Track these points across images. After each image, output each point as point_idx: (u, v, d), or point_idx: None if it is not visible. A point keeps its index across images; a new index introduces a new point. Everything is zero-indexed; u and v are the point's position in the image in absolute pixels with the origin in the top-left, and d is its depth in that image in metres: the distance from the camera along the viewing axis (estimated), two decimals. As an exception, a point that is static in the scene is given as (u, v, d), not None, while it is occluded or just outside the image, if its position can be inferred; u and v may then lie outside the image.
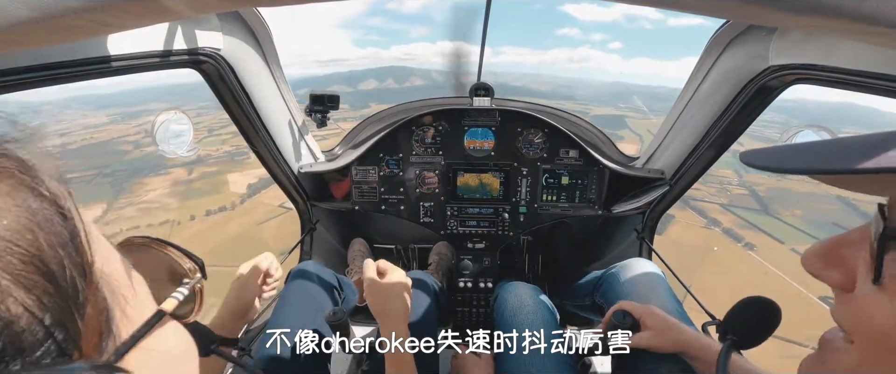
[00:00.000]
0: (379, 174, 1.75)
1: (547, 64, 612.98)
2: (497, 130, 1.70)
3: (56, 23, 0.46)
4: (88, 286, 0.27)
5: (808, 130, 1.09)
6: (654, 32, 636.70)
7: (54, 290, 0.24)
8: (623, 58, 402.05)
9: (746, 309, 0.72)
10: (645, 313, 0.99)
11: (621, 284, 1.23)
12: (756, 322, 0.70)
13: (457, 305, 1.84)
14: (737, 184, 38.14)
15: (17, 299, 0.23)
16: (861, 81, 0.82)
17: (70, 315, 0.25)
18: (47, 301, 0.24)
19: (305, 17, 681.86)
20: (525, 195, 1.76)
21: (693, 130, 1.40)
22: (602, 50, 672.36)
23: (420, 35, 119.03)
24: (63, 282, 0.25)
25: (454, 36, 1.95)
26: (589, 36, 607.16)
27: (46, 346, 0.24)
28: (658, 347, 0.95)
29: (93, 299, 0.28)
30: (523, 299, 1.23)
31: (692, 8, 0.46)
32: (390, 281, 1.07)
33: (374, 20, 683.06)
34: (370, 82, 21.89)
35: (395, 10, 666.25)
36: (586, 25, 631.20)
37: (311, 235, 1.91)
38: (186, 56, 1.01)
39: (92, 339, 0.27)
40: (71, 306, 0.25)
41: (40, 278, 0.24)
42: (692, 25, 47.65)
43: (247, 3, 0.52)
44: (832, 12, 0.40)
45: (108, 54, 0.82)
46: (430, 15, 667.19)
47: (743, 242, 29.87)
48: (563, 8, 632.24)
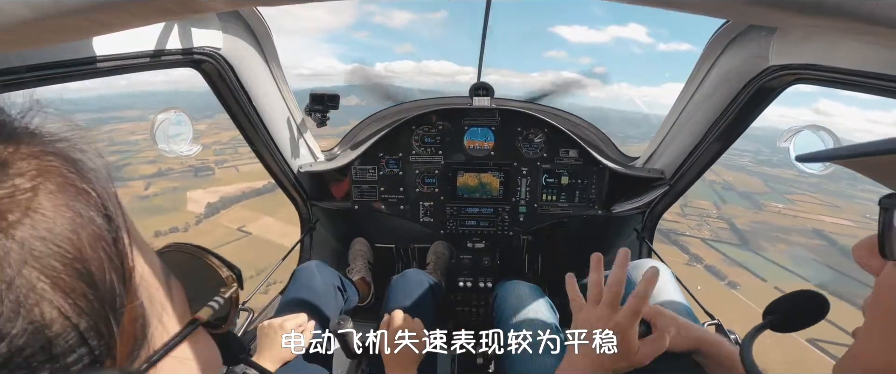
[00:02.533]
0: (379, 174, 1.75)
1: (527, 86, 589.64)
2: (497, 129, 1.70)
3: (56, 23, 0.46)
4: (127, 292, 0.26)
5: (806, 131, 1.09)
6: (643, 57, 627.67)
7: (93, 294, 0.24)
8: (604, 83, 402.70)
9: (796, 296, 0.72)
10: (654, 313, 0.97)
11: (631, 283, 1.23)
12: (802, 308, 0.70)
13: (456, 304, 1.84)
14: (716, 216, 38.04)
15: (53, 302, 0.22)
16: (861, 81, 0.82)
17: (106, 321, 0.24)
18: (85, 306, 0.23)
19: (291, 29, 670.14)
20: (525, 195, 1.76)
21: (693, 130, 1.40)
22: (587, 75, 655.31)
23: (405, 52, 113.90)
24: (102, 287, 0.24)
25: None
26: (577, 59, 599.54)
27: (79, 353, 0.23)
28: (673, 346, 0.93)
29: (130, 306, 0.27)
30: (524, 298, 1.23)
31: (692, 8, 0.46)
32: (403, 333, 1.07)
33: (360, 34, 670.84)
34: (352, 98, 21.88)
35: (382, 24, 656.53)
36: (575, 48, 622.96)
37: (310, 234, 1.91)
38: (186, 56, 1.01)
39: (126, 346, 0.26)
40: (108, 312, 0.24)
41: (79, 281, 0.23)
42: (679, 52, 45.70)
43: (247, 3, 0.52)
44: (832, 12, 0.41)
45: (108, 54, 0.82)
46: (417, 32, 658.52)
47: (726, 280, 29.72)
48: (553, 30, 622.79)
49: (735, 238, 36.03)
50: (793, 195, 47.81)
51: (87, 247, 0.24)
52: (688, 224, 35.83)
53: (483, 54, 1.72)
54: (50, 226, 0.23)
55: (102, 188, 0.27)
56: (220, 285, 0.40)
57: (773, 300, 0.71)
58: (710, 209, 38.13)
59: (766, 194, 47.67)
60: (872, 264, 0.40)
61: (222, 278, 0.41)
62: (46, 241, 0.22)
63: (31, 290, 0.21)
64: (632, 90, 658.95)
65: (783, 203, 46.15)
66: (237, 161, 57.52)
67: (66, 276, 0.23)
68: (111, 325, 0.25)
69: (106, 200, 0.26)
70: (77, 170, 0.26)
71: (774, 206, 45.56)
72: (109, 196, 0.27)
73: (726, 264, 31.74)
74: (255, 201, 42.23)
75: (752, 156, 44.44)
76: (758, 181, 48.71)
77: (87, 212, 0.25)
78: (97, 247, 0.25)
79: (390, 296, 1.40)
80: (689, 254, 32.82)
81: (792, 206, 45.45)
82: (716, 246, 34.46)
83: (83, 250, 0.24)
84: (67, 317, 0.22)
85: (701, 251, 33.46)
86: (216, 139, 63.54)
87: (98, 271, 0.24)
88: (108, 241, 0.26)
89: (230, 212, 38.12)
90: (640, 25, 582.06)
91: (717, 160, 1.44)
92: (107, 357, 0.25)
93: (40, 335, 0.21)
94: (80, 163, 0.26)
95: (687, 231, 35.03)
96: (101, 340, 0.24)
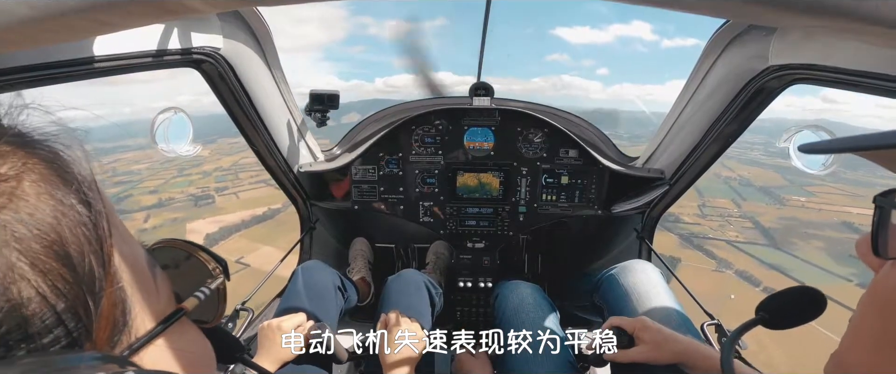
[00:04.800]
0: (379, 174, 1.75)
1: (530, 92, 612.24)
2: (497, 129, 1.70)
3: (56, 22, 0.46)
4: (107, 276, 0.27)
5: (806, 131, 1.09)
6: (648, 56, 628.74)
7: (71, 276, 0.24)
8: (606, 85, 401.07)
9: (789, 292, 0.70)
10: (638, 326, 0.98)
11: (621, 286, 1.23)
12: (793, 304, 0.69)
13: (456, 304, 1.84)
14: (738, 215, 36.74)
15: (30, 282, 0.23)
16: (860, 81, 0.82)
17: (84, 304, 0.25)
18: (63, 287, 0.24)
19: (292, 47, 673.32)
20: (525, 195, 1.76)
21: (693, 130, 1.40)
22: (588, 77, 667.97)
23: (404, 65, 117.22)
24: (81, 269, 0.25)
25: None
26: (579, 62, 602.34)
27: (55, 333, 0.23)
28: (655, 359, 0.94)
29: (110, 290, 0.27)
30: (525, 297, 1.23)
31: (692, 7, 0.46)
32: (400, 334, 1.08)
33: (356, 50, 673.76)
34: (352, 115, 21.54)
35: (378, 38, 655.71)
36: (577, 50, 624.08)
37: (310, 234, 1.91)
38: (186, 56, 1.01)
39: (105, 330, 0.27)
40: (86, 295, 0.25)
41: (58, 263, 0.24)
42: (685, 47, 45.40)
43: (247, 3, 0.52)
44: (832, 12, 0.41)
45: (109, 54, 0.82)
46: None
47: (761, 286, 28.00)
48: (555, 32, 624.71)
49: (763, 238, 34.55)
50: (813, 187, 46.63)
51: (68, 231, 0.25)
52: (709, 226, 34.64)
53: (483, 54, 1.72)
54: (32, 211, 0.24)
55: (83, 177, 0.28)
56: (209, 278, 0.41)
57: (766, 297, 0.71)
58: (730, 208, 36.99)
59: (786, 187, 46.56)
60: (872, 261, 0.40)
61: (210, 271, 0.42)
62: (28, 224, 0.23)
63: (10, 269, 0.22)
64: (635, 90, 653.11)
65: (805, 196, 45.03)
66: (238, 187, 57.11)
67: (45, 257, 0.23)
68: (89, 308, 0.25)
69: (86, 187, 0.28)
70: (59, 160, 0.27)
71: (797, 200, 44.49)
72: (90, 184, 0.28)
73: (759, 267, 30.26)
74: (256, 228, 42.02)
75: (763, 148, 43.29)
76: (775, 175, 47.37)
77: (68, 199, 0.26)
78: (77, 232, 0.26)
79: (386, 296, 1.40)
80: (715, 259, 31.31)
81: (814, 198, 44.16)
82: (745, 248, 32.82)
83: (63, 235, 0.25)
84: (44, 297, 0.23)
85: (729, 255, 31.94)
86: (218, 165, 63.07)
87: (77, 254, 0.25)
88: (89, 226, 0.27)
89: (229, 242, 38.03)
90: (644, 23, 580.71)
91: (716, 160, 1.45)
92: (85, 340, 0.25)
93: (17, 314, 0.22)
94: (62, 153, 0.28)
95: (710, 234, 33.76)
96: (78, 322, 0.25)
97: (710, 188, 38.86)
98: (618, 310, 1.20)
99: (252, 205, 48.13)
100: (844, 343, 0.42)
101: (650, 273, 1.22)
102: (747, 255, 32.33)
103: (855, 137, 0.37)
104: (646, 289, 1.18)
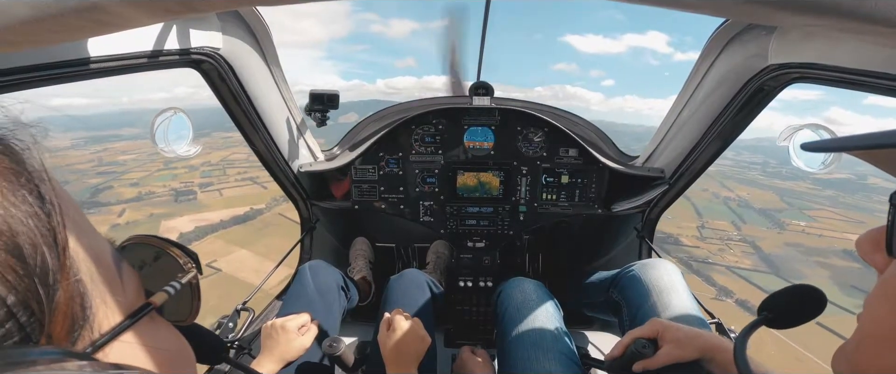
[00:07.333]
0: (379, 173, 1.75)
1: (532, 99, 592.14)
2: (497, 129, 1.70)
3: (56, 22, 0.46)
4: (61, 269, 0.26)
5: (806, 130, 1.09)
6: (659, 68, 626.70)
7: (22, 268, 0.24)
8: (607, 97, 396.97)
9: (789, 291, 0.71)
10: (658, 329, 0.97)
11: (642, 282, 1.23)
12: (796, 303, 0.69)
13: (456, 304, 1.84)
14: (738, 239, 35.93)
15: None
16: (860, 80, 0.82)
17: (37, 296, 0.24)
18: (13, 280, 0.23)
19: (293, 43, 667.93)
20: (525, 194, 1.76)
21: (692, 129, 1.40)
22: (593, 88, 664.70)
23: (406, 66, 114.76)
24: (32, 261, 0.24)
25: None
26: (587, 72, 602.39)
27: (6, 327, 0.23)
28: (681, 357, 0.94)
29: (65, 283, 0.27)
30: (528, 294, 1.23)
31: (692, 7, 0.46)
32: (403, 333, 1.08)
33: (359, 50, 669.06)
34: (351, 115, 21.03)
35: (382, 37, 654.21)
36: (586, 59, 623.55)
37: (310, 234, 1.91)
38: (186, 56, 1.01)
39: (63, 325, 0.26)
40: (39, 287, 0.24)
41: (7, 255, 0.23)
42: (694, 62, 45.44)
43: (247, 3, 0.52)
44: (831, 11, 0.41)
45: (109, 54, 0.82)
46: (417, 45, 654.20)
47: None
48: (565, 39, 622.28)
49: (764, 265, 33.59)
50: (812, 211, 46.26)
51: (18, 223, 0.24)
52: (708, 249, 34.01)
53: (483, 54, 1.72)
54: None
55: (34, 169, 0.28)
56: (181, 273, 0.40)
57: (767, 296, 0.71)
58: (730, 231, 36.40)
59: (785, 210, 46.19)
60: (877, 260, 0.39)
61: (181, 266, 0.40)
62: None
63: None
64: (637, 103, 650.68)
65: (805, 220, 44.57)
66: (222, 184, 55.96)
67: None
68: (42, 301, 0.25)
69: (38, 180, 0.27)
70: (10, 154, 0.27)
71: (797, 224, 44.02)
72: (42, 177, 0.28)
73: (762, 296, 30.14)
74: (235, 229, 40.87)
75: (761, 168, 42.86)
76: (773, 196, 47.02)
77: (18, 191, 0.25)
78: (28, 223, 0.25)
79: (389, 296, 1.40)
80: (715, 286, 30.57)
81: (814, 223, 43.68)
82: (745, 275, 31.99)
83: (13, 226, 0.24)
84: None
85: (728, 282, 31.05)
86: (206, 159, 61.91)
87: (28, 246, 0.24)
88: (42, 218, 0.26)
89: (202, 244, 36.86)
90: (660, 33, 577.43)
91: (716, 159, 1.45)
92: (39, 335, 0.24)
93: None
94: (14, 147, 0.27)
95: (710, 258, 33.10)
96: (31, 316, 0.24)
97: (709, 209, 38.21)
98: (636, 305, 1.20)
99: (235, 204, 47.14)
100: (856, 343, 0.40)
101: (672, 273, 1.23)
102: (747, 282, 31.53)
103: (855, 136, 0.36)
104: (668, 287, 1.18)
